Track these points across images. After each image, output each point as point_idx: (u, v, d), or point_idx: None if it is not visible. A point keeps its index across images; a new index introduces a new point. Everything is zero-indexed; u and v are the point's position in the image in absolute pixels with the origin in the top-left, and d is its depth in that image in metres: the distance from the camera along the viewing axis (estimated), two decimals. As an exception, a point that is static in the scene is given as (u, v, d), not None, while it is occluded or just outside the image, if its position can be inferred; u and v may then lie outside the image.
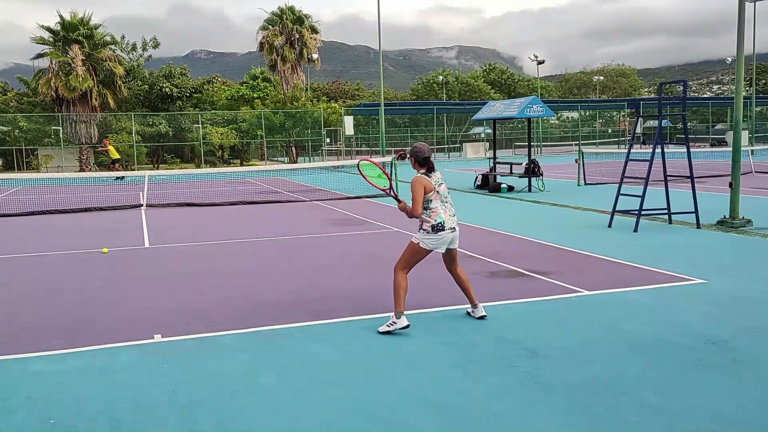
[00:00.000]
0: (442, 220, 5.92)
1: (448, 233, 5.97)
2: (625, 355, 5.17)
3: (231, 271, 8.83)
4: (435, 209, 5.93)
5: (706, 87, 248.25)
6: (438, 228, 5.91)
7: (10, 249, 11.16)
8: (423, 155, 5.97)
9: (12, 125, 40.40)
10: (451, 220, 6.01)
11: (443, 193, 5.99)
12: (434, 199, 5.94)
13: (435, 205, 5.93)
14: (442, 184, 6.00)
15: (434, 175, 5.98)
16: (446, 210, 5.98)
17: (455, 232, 6.06)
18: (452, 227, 6.01)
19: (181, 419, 4.20)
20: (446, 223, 5.95)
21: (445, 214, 5.96)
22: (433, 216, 5.93)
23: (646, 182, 11.55)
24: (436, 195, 5.94)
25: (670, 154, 17.89)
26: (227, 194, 20.85)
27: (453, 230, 6.02)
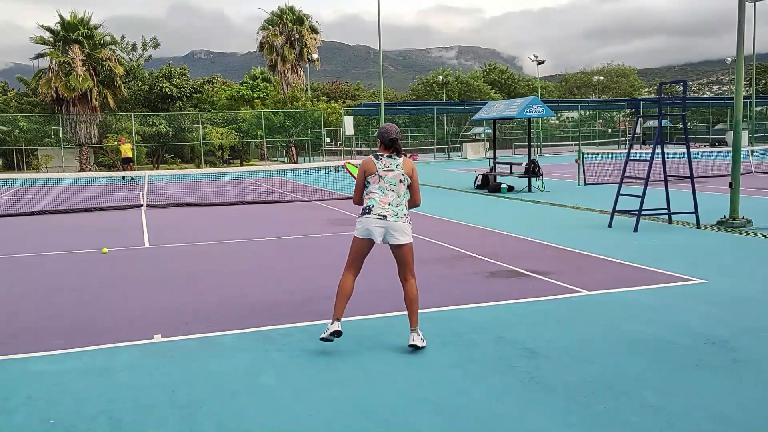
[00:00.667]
0: (371, 204, 5.36)
1: (373, 219, 5.31)
2: (625, 355, 5.17)
3: (231, 271, 8.83)
4: (370, 193, 5.41)
5: (706, 87, 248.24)
6: (364, 211, 5.38)
7: (10, 249, 11.16)
8: (389, 136, 5.40)
9: (12, 125, 40.41)
10: (386, 208, 5.32)
11: (389, 179, 5.36)
12: (373, 182, 5.40)
13: (372, 188, 5.41)
14: (392, 171, 5.36)
15: (387, 160, 5.39)
16: (384, 197, 5.35)
17: (386, 222, 5.30)
18: (381, 214, 5.31)
19: (181, 419, 4.20)
20: (375, 207, 5.33)
21: (381, 200, 5.34)
22: (366, 200, 5.44)
23: (646, 182, 11.55)
24: (377, 179, 5.38)
25: (670, 154, 17.89)
26: (227, 194, 20.85)
27: (382, 218, 5.30)
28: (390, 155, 5.42)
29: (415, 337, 5.34)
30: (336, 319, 5.35)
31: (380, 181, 5.38)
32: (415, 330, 5.37)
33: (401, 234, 5.36)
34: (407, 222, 5.40)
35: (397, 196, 5.39)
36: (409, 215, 5.45)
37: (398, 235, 5.35)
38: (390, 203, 5.35)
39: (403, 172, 5.40)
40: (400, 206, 5.38)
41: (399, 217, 5.34)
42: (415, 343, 5.30)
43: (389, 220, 5.32)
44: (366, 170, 5.42)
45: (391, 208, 5.35)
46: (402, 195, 5.42)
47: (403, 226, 5.36)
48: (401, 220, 5.35)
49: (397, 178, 5.39)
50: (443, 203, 17.07)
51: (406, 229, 5.38)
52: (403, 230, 5.36)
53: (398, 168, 5.38)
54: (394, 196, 5.38)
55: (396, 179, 5.38)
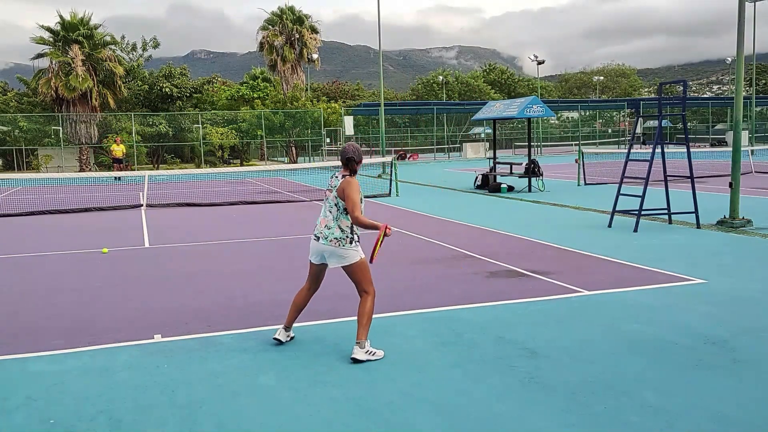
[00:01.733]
0: (316, 224, 5.42)
1: (311, 239, 5.38)
2: (625, 355, 5.17)
3: (231, 271, 8.83)
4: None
5: (706, 87, 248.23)
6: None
7: (10, 249, 11.16)
8: (345, 155, 5.32)
9: (12, 125, 40.41)
10: (321, 230, 5.29)
11: (329, 200, 5.32)
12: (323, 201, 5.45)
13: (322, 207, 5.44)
14: (331, 191, 5.31)
15: (334, 180, 5.35)
16: (324, 217, 5.33)
17: (317, 244, 5.29)
18: (315, 235, 5.33)
19: (181, 419, 4.20)
20: (315, 228, 5.38)
21: (321, 220, 5.35)
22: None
23: (646, 182, 11.55)
24: (324, 198, 5.42)
25: (670, 154, 17.89)
26: (227, 194, 20.85)
27: (316, 239, 5.31)
28: (342, 175, 5.31)
29: (357, 350, 5.15)
30: (285, 326, 5.59)
31: (325, 201, 5.39)
32: (359, 342, 5.16)
33: (333, 257, 5.25)
34: (338, 246, 5.20)
35: (331, 219, 5.26)
36: (343, 238, 5.21)
37: (330, 258, 5.28)
38: (326, 225, 5.28)
39: (336, 194, 5.24)
40: (331, 229, 5.22)
41: (328, 240, 5.22)
42: (355, 356, 5.12)
43: (320, 242, 5.28)
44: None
45: (323, 230, 5.28)
46: (335, 218, 5.24)
47: (332, 250, 5.21)
48: (330, 244, 5.21)
49: (333, 201, 5.28)
50: (443, 203, 17.08)
51: (338, 252, 5.20)
52: (334, 254, 5.22)
53: (335, 190, 5.27)
54: (330, 218, 5.27)
55: (332, 202, 5.29)
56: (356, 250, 5.27)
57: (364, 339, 5.20)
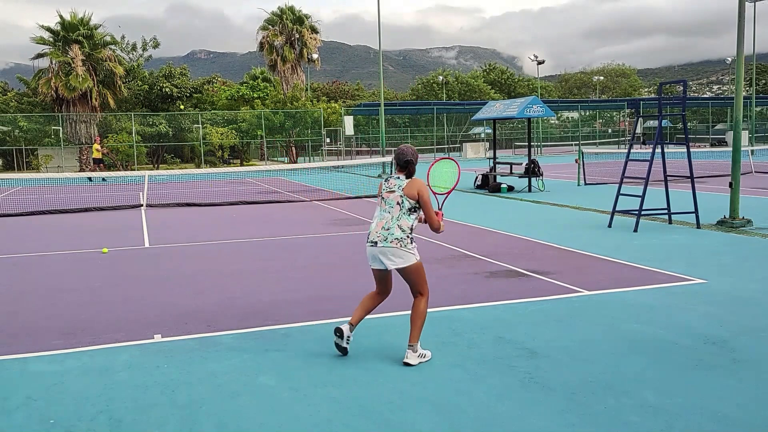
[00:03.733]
0: (369, 230, 5.24)
1: (368, 246, 5.19)
2: (625, 355, 5.17)
3: (231, 271, 8.83)
4: (374, 217, 5.29)
5: (706, 87, 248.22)
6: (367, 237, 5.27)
7: (10, 249, 11.16)
8: (404, 158, 5.21)
9: (12, 125, 40.41)
10: (378, 233, 5.12)
11: (389, 201, 5.17)
12: (378, 205, 5.29)
13: (375, 212, 5.30)
14: (393, 192, 5.17)
15: (393, 181, 5.23)
16: (380, 220, 5.17)
17: (375, 248, 5.12)
18: (372, 240, 5.15)
19: (181, 419, 4.20)
20: (370, 234, 5.19)
21: (377, 224, 5.18)
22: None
23: (646, 182, 11.55)
24: (380, 201, 5.26)
25: (670, 154, 17.89)
26: (227, 194, 20.85)
27: (373, 245, 5.13)
28: (399, 176, 5.21)
29: (410, 354, 5.09)
30: (351, 324, 5.30)
31: (382, 204, 5.23)
32: (412, 346, 5.10)
33: (391, 258, 5.08)
34: (399, 246, 5.07)
35: (390, 219, 5.12)
36: (404, 238, 5.09)
37: (387, 261, 5.10)
38: (383, 227, 5.12)
39: (402, 193, 5.12)
40: (390, 230, 5.09)
41: (389, 242, 5.07)
42: (408, 361, 5.06)
43: (379, 245, 5.10)
44: (378, 193, 5.33)
45: (382, 232, 5.11)
46: (395, 217, 5.12)
47: (393, 251, 5.07)
48: (391, 245, 5.06)
49: (395, 200, 5.14)
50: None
51: (398, 253, 5.07)
52: (394, 254, 5.07)
53: (399, 189, 5.14)
54: (388, 218, 5.13)
55: (394, 201, 5.15)
56: (415, 251, 5.18)
57: (417, 342, 5.10)
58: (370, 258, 5.22)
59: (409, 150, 5.24)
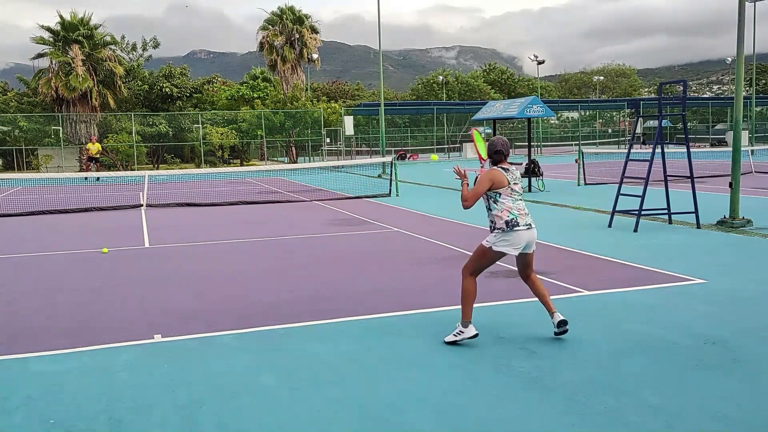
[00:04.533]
0: (515, 216, 5.50)
1: (524, 230, 5.51)
2: (625, 355, 5.17)
3: (231, 271, 8.83)
4: (504, 205, 5.52)
5: (706, 87, 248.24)
6: (512, 224, 5.48)
7: (10, 249, 11.16)
8: (494, 148, 5.60)
9: (12, 125, 40.41)
10: (527, 218, 5.58)
11: (517, 190, 5.61)
12: (505, 194, 5.53)
13: (504, 200, 5.52)
14: (518, 184, 5.62)
15: (514, 173, 5.63)
16: (521, 207, 5.58)
17: (531, 231, 5.56)
18: (528, 224, 5.56)
19: (181, 419, 4.20)
20: (520, 218, 5.52)
21: (519, 212, 5.54)
22: (505, 212, 5.51)
23: (646, 182, 11.55)
24: (509, 191, 5.54)
25: (670, 154, 17.88)
26: (227, 194, 20.85)
27: (528, 228, 5.54)
28: (510, 167, 5.63)
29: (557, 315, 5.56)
30: (469, 321, 5.54)
31: (512, 194, 5.56)
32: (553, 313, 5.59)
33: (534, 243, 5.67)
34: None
35: (525, 206, 5.65)
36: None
37: (533, 245, 5.65)
38: (527, 213, 5.60)
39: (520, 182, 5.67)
40: (530, 215, 5.66)
41: (534, 226, 5.64)
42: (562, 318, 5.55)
43: (533, 228, 5.60)
44: (495, 182, 5.50)
45: (529, 218, 5.61)
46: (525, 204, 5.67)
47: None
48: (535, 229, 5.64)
49: (520, 190, 5.66)
50: (443, 203, 17.07)
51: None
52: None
53: (520, 180, 5.69)
54: (524, 206, 5.63)
55: (520, 190, 5.65)
56: None
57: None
58: (524, 243, 5.54)
59: (499, 141, 5.64)
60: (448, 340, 5.52)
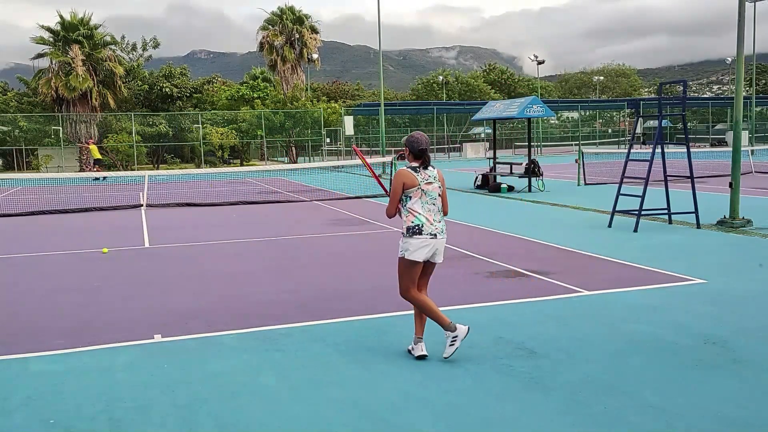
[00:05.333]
0: (420, 223, 5.04)
1: (427, 239, 5.03)
2: (625, 355, 5.17)
3: (231, 271, 8.83)
4: (412, 210, 5.08)
5: (706, 87, 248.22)
6: (414, 231, 5.03)
7: (11, 249, 11.16)
8: (419, 146, 5.09)
9: (12, 125, 40.42)
10: (434, 226, 5.07)
11: (430, 193, 5.08)
12: (414, 197, 5.07)
13: (414, 205, 5.07)
14: (431, 183, 5.09)
15: (425, 172, 5.09)
16: (429, 213, 5.07)
17: (436, 240, 5.07)
18: (432, 233, 5.05)
19: (181, 419, 4.20)
20: (425, 227, 5.04)
21: (427, 217, 5.06)
22: (411, 216, 5.08)
23: (646, 182, 11.55)
24: (419, 193, 5.06)
25: (670, 154, 17.88)
26: (227, 194, 20.85)
27: (433, 237, 5.05)
28: (425, 166, 5.13)
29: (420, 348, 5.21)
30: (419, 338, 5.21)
31: (423, 196, 5.07)
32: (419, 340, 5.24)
33: (442, 250, 5.19)
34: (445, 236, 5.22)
35: (437, 211, 5.13)
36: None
37: (442, 253, 5.19)
38: (434, 219, 5.09)
39: (439, 184, 5.14)
40: (441, 222, 5.14)
41: (444, 234, 5.14)
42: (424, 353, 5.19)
43: (438, 238, 5.09)
44: (405, 183, 5.06)
45: (436, 224, 5.09)
46: (440, 209, 5.17)
47: (444, 244, 5.20)
48: (445, 236, 5.17)
49: (437, 192, 5.11)
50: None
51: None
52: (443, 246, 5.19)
53: (436, 180, 5.11)
54: (435, 210, 5.11)
55: (436, 193, 5.11)
56: None
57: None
58: (427, 251, 5.06)
59: (423, 138, 5.15)
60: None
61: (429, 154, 5.18)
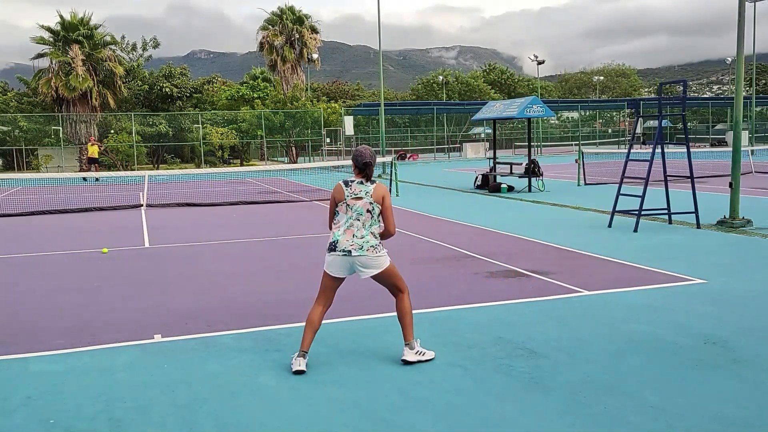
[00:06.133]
0: (336, 240, 4.97)
1: (338, 256, 4.94)
2: (625, 355, 5.17)
3: (231, 271, 8.83)
4: (337, 224, 5.04)
5: (706, 87, 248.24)
6: (330, 247, 5.01)
7: (11, 249, 11.16)
8: (363, 160, 4.99)
9: (12, 125, 40.42)
10: (350, 241, 4.92)
11: (357, 208, 4.94)
12: (340, 212, 5.01)
13: (339, 219, 5.03)
14: (360, 199, 4.94)
15: (357, 187, 4.98)
16: (349, 227, 4.95)
17: (350, 257, 4.92)
18: (345, 249, 4.92)
19: (181, 419, 4.20)
20: (339, 242, 4.94)
21: (345, 232, 4.95)
22: (332, 232, 5.04)
23: (646, 182, 11.55)
24: (344, 208, 4.97)
25: (670, 154, 17.89)
26: (227, 194, 20.85)
27: (347, 254, 4.91)
28: (361, 181, 5.00)
29: (407, 351, 5.06)
30: (303, 351, 4.99)
31: (348, 211, 4.97)
32: (408, 344, 5.07)
33: (369, 267, 4.97)
34: (375, 253, 4.95)
35: (361, 226, 4.95)
36: (378, 244, 4.99)
37: (366, 269, 4.97)
38: (354, 235, 4.94)
39: (372, 200, 4.95)
40: (365, 238, 4.95)
41: (364, 250, 4.93)
42: (405, 358, 5.03)
43: (354, 255, 4.92)
44: (335, 197, 5.03)
45: (355, 240, 4.93)
46: (368, 225, 4.98)
47: (368, 261, 4.95)
48: (367, 253, 4.93)
49: (365, 208, 4.95)
50: (443, 203, 17.08)
51: (375, 261, 4.96)
52: (371, 264, 4.96)
53: (367, 196, 4.96)
54: (359, 226, 4.95)
55: (363, 208, 4.95)
56: (385, 253, 5.07)
57: (413, 339, 5.09)
58: (336, 267, 5.00)
59: (367, 152, 5.04)
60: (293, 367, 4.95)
61: (372, 170, 5.06)
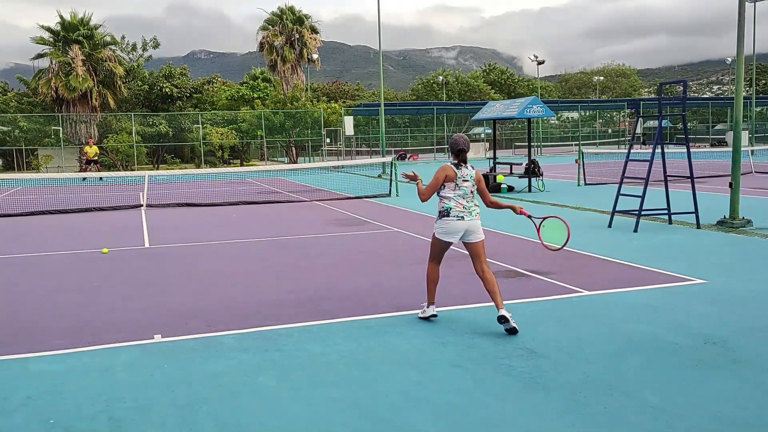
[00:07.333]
0: (448, 207, 5.99)
1: (453, 220, 5.97)
2: (625, 355, 5.17)
3: (231, 271, 8.83)
4: (446, 196, 6.03)
5: (706, 87, 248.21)
6: (443, 214, 6.02)
7: (11, 249, 11.16)
8: (457, 147, 6.08)
9: (12, 125, 40.41)
10: (461, 210, 5.99)
11: (464, 188, 6.01)
12: (448, 188, 6.03)
13: (447, 193, 6.02)
14: (467, 181, 6.02)
15: (465, 170, 6.05)
16: (459, 200, 5.99)
17: (463, 222, 5.96)
18: (459, 216, 5.97)
19: (181, 419, 4.20)
20: (453, 210, 5.98)
21: (455, 204, 5.99)
22: (442, 202, 6.05)
23: (646, 182, 11.55)
24: (452, 186, 6.01)
25: (670, 155, 17.88)
26: (227, 194, 20.85)
27: (460, 219, 5.97)
28: (466, 165, 6.08)
29: (504, 312, 5.74)
30: (431, 302, 6.20)
31: (456, 189, 6.00)
32: (502, 308, 5.78)
33: (476, 231, 5.99)
34: (479, 219, 6.04)
35: (471, 200, 6.06)
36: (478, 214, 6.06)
37: (472, 234, 5.99)
38: (465, 206, 6.00)
39: (474, 182, 6.08)
40: (472, 207, 6.04)
41: (474, 215, 6.01)
42: (503, 314, 5.72)
43: (466, 220, 5.96)
44: (448, 175, 6.00)
45: (470, 207, 6.02)
46: (471, 200, 6.06)
47: (477, 224, 6.01)
48: (475, 218, 6.00)
49: (470, 188, 6.05)
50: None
51: (479, 226, 6.03)
52: (477, 227, 6.00)
53: (471, 179, 6.06)
54: (468, 200, 6.04)
55: (468, 188, 6.04)
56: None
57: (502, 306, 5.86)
58: (453, 231, 5.99)
59: (461, 139, 6.10)
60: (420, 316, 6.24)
61: (465, 155, 6.11)
